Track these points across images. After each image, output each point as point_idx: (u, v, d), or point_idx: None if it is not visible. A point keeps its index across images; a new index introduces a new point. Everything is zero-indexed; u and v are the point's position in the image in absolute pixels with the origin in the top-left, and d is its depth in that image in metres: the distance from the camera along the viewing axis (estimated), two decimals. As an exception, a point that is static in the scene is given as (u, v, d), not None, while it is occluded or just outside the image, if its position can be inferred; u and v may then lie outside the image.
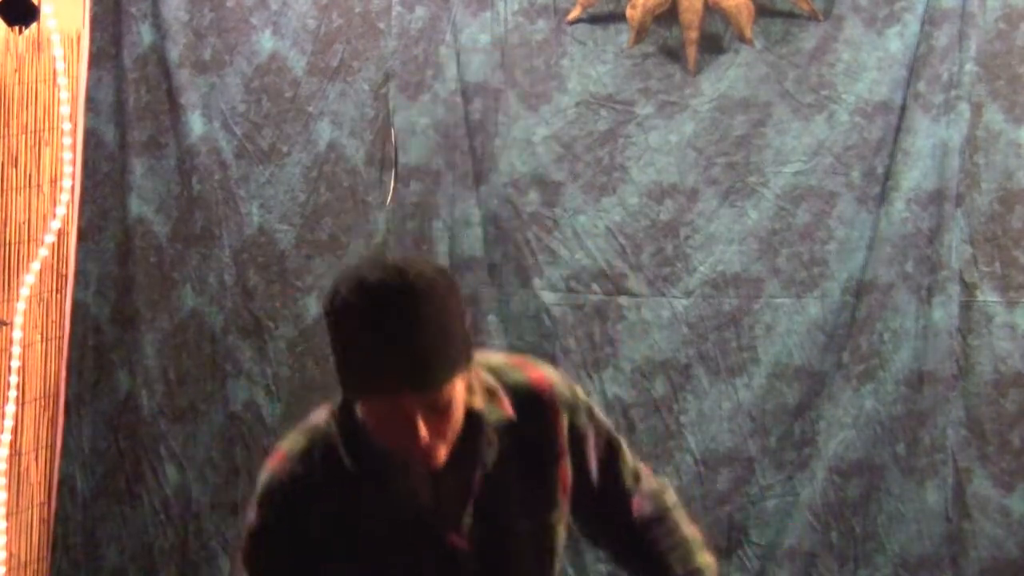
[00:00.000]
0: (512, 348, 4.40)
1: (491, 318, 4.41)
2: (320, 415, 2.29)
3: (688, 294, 4.35)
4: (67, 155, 4.65)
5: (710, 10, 4.28)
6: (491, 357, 2.36)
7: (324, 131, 4.51)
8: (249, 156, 4.55)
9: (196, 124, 4.54)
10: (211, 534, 4.57)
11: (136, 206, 4.60)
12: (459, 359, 2.10)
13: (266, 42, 4.53)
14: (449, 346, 2.07)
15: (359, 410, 2.16)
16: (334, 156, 4.51)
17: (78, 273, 4.65)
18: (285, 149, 4.53)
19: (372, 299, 2.04)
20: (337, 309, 2.08)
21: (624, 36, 4.35)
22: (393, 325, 2.03)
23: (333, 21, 4.51)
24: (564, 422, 2.33)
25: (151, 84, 4.60)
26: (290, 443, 2.28)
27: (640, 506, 2.48)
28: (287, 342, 4.53)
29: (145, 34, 4.59)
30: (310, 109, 4.52)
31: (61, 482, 4.67)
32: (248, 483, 4.54)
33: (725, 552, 4.33)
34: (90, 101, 4.64)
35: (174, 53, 4.55)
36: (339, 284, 2.09)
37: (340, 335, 2.10)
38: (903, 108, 4.23)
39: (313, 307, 4.50)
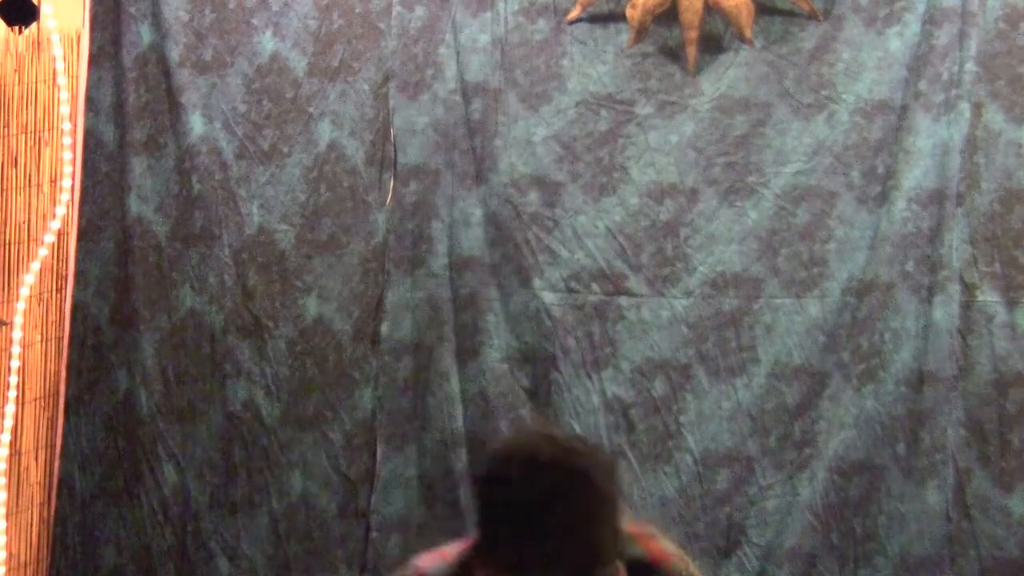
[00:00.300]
0: (512, 348, 4.41)
1: (491, 318, 4.41)
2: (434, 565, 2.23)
3: (688, 294, 4.35)
4: (67, 155, 4.64)
5: (710, 10, 4.28)
6: None
7: (324, 131, 4.52)
8: (250, 156, 4.56)
9: (197, 124, 4.55)
10: (210, 534, 4.57)
11: (135, 205, 4.60)
12: (613, 552, 2.05)
13: (267, 43, 4.54)
14: (608, 540, 2.02)
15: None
16: (334, 156, 4.52)
17: (78, 273, 4.65)
18: (286, 149, 4.54)
19: (545, 485, 1.98)
20: (502, 482, 2.01)
21: (624, 36, 4.35)
22: (562, 516, 1.97)
23: (334, 22, 4.51)
24: None
25: (150, 84, 4.60)
26: None
27: None
28: (287, 342, 4.53)
29: (145, 34, 4.59)
30: (311, 109, 4.52)
31: (60, 482, 4.66)
32: (247, 482, 4.56)
33: (724, 552, 4.33)
34: (90, 101, 4.65)
35: (175, 53, 4.56)
36: (508, 455, 2.04)
37: (497, 510, 2.02)
38: (903, 108, 4.24)
39: (313, 307, 4.52)
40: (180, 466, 4.58)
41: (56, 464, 4.69)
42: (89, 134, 4.65)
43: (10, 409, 4.63)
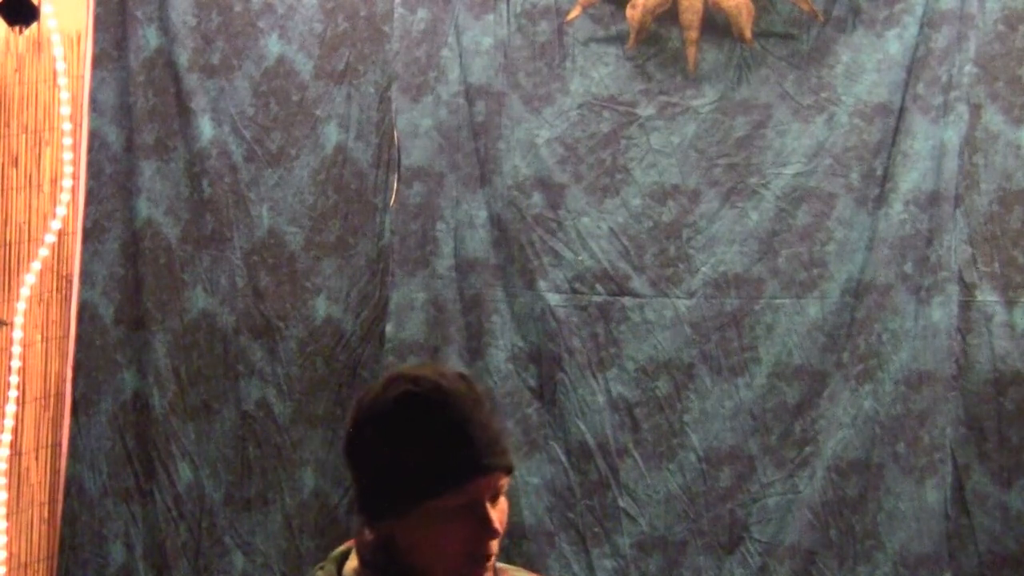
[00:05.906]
0: (517, 348, 4.44)
1: (496, 319, 4.43)
2: None
3: (690, 295, 4.38)
4: (68, 155, 4.65)
5: (710, 10, 4.30)
6: None
7: (331, 134, 4.53)
8: (258, 159, 4.57)
9: (206, 128, 4.56)
10: (224, 529, 4.59)
11: (145, 208, 4.61)
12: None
13: (273, 46, 4.55)
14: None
15: (406, 535, 2.10)
16: (341, 159, 4.54)
17: (85, 273, 4.65)
18: (293, 152, 4.56)
19: (445, 389, 2.05)
20: (405, 407, 2.04)
21: (625, 37, 4.38)
22: (470, 409, 2.05)
23: (339, 24, 4.53)
24: None
25: (157, 87, 4.61)
26: None
27: None
28: (297, 342, 4.55)
29: (151, 37, 4.60)
30: (317, 112, 4.54)
31: (68, 482, 4.66)
32: (261, 479, 4.59)
33: (727, 548, 4.37)
34: (93, 102, 4.65)
35: (183, 57, 4.57)
36: (394, 386, 2.07)
37: (409, 433, 2.04)
38: (902, 110, 4.27)
39: (322, 308, 4.54)
40: (195, 464, 4.60)
41: (61, 463, 4.69)
42: (93, 136, 4.65)
43: (10, 409, 4.63)
